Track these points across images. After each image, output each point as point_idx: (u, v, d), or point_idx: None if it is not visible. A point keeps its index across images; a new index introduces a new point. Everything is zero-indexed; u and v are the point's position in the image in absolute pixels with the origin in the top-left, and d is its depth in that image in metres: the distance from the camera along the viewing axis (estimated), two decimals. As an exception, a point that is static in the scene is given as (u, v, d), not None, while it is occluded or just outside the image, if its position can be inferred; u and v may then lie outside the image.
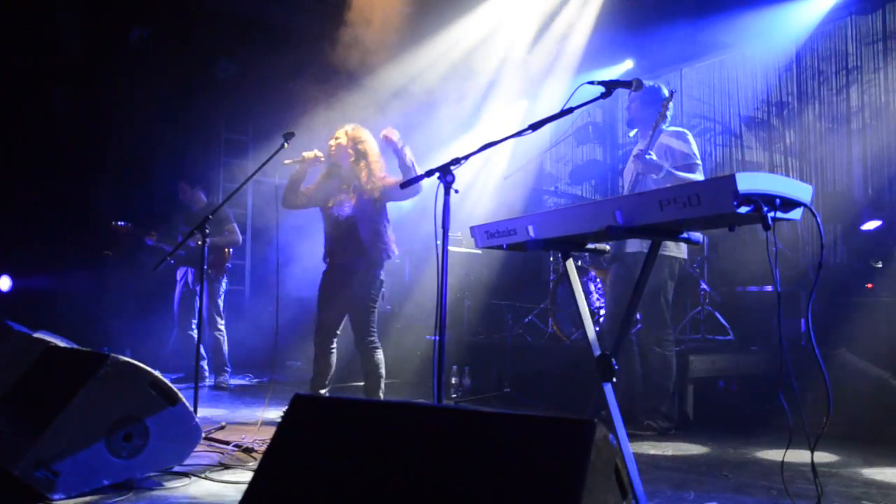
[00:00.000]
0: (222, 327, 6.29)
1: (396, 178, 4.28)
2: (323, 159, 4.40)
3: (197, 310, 6.29)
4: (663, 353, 4.28)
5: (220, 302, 6.30)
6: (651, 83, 4.27)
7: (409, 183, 3.14)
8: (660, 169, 4.06)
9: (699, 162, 4.19)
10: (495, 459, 1.41)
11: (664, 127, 4.24)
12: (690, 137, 4.25)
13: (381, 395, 4.27)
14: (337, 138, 4.40)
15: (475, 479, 1.41)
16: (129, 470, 2.77)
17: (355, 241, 4.25)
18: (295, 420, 1.75)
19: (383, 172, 4.35)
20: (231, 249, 6.38)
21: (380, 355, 4.27)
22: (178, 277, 6.38)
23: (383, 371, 4.27)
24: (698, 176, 4.11)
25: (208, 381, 6.22)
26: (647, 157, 4.06)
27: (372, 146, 4.38)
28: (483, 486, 1.39)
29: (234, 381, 6.44)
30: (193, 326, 6.30)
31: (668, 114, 4.18)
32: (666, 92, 4.25)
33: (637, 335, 4.48)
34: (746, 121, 7.05)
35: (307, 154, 4.34)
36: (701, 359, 4.77)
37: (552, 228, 2.32)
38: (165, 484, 2.88)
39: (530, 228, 2.37)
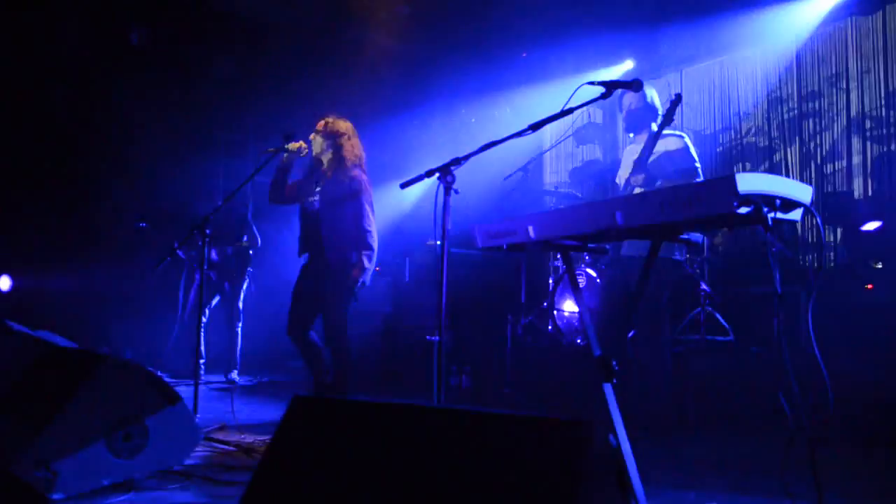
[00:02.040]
0: (239, 328, 6.47)
1: (367, 179, 4.29)
2: (306, 151, 4.34)
3: (211, 306, 6.44)
4: (657, 356, 4.28)
5: (241, 303, 6.48)
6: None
7: (409, 183, 3.13)
8: (653, 183, 4.10)
9: (699, 165, 4.20)
10: (495, 459, 1.41)
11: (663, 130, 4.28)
12: (689, 141, 4.27)
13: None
14: (317, 130, 4.36)
15: (475, 479, 1.41)
16: (129, 470, 2.77)
17: (319, 238, 4.24)
18: (294, 420, 1.75)
19: (355, 168, 4.29)
20: (252, 252, 6.54)
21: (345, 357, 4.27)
22: (197, 276, 6.46)
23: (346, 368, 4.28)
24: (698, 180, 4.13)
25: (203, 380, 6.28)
26: (642, 175, 4.12)
27: (347, 140, 4.32)
28: (482, 486, 1.39)
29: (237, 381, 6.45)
30: (202, 322, 6.39)
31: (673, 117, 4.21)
32: (658, 101, 4.29)
33: (631, 338, 4.48)
34: (746, 121, 7.05)
35: (292, 145, 4.29)
36: (701, 359, 4.76)
37: (552, 229, 2.32)
38: (165, 484, 2.88)
39: (530, 229, 2.37)
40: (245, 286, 6.55)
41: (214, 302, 6.45)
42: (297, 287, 4.37)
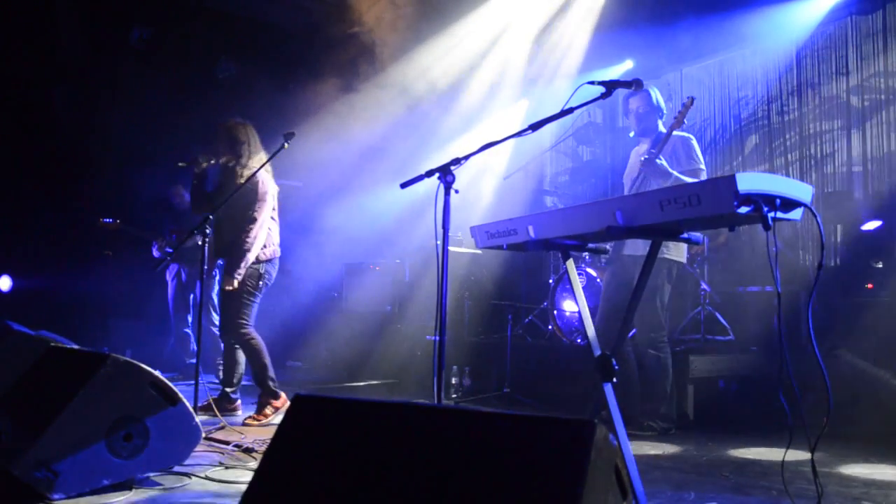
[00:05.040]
0: (216, 321, 6.36)
1: (265, 181, 4.31)
2: (214, 161, 4.40)
3: (191, 305, 6.37)
4: (658, 355, 4.28)
5: (215, 297, 6.37)
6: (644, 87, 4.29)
7: (409, 183, 3.12)
8: (668, 175, 4.04)
9: (703, 167, 4.21)
10: (495, 459, 1.41)
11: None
12: (695, 143, 4.28)
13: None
14: (217, 138, 4.41)
15: (475, 479, 1.41)
16: (129, 470, 2.77)
17: (221, 240, 4.32)
18: (295, 420, 1.75)
19: (254, 174, 4.27)
20: None
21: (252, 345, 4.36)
22: (170, 277, 6.43)
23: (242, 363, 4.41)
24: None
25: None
26: (658, 161, 4.04)
27: (246, 147, 4.37)
28: (483, 486, 1.39)
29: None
30: (189, 323, 6.37)
31: (685, 120, 4.17)
32: (662, 100, 4.31)
33: (632, 337, 4.48)
34: (746, 121, 7.05)
35: (203, 156, 4.37)
36: (701, 359, 4.77)
37: (552, 228, 2.32)
38: (165, 484, 2.88)
39: (530, 228, 2.37)
40: (216, 279, 6.45)
41: (191, 297, 6.40)
42: None
